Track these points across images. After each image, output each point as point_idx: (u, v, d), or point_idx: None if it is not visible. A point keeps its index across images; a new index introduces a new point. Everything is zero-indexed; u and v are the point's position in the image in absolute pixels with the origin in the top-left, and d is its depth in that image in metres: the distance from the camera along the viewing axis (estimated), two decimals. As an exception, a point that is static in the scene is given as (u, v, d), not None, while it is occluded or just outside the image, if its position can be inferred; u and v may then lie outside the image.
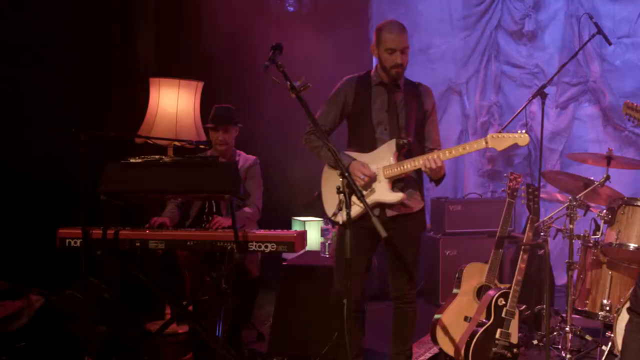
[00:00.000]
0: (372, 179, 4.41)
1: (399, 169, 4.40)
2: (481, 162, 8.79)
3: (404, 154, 4.45)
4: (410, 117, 4.52)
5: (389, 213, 4.47)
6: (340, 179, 4.37)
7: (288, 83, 3.75)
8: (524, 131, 4.30)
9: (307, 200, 5.65)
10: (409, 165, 4.39)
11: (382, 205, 4.45)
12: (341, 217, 4.31)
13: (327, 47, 8.01)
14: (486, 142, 4.31)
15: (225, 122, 5.70)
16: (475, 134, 8.72)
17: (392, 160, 4.42)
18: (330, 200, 4.52)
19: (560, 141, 8.58)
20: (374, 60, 9.75)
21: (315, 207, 4.64)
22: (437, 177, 4.47)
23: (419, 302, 7.54)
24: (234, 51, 7.87)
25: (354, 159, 4.47)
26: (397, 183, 4.48)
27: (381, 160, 4.44)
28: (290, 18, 8.59)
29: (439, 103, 8.94)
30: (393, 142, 4.43)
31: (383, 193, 4.41)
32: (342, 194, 3.64)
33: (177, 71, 6.88)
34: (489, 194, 8.54)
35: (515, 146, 4.37)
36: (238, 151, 5.86)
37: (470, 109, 8.89)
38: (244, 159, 5.83)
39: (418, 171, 4.52)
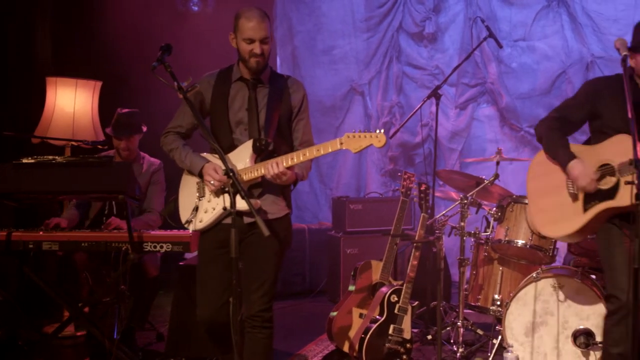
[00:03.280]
0: (225, 183, 3.88)
1: (254, 172, 3.99)
2: (383, 162, 8.93)
3: (264, 156, 4.04)
4: (273, 115, 4.09)
5: (246, 220, 4.00)
6: (196, 185, 4.19)
7: (175, 84, 3.74)
8: (381, 130, 3.86)
9: (165, 206, 5.64)
10: (263, 169, 3.96)
11: (236, 212, 3.69)
12: (193, 226, 4.15)
13: (231, 47, 8.04)
14: (341, 143, 3.87)
15: (128, 133, 5.60)
16: (378, 134, 8.81)
17: (248, 163, 4.03)
18: (185, 206, 4.22)
19: (459, 141, 8.75)
20: (278, 60, 9.75)
21: (172, 214, 4.53)
22: (285, 184, 4.05)
23: (321, 301, 7.73)
24: (136, 50, 7.79)
25: (208, 161, 4.10)
26: (254, 188, 4.08)
27: (237, 163, 4.04)
28: (194, 17, 8.57)
29: (342, 103, 9.06)
30: (250, 143, 4.04)
31: (236, 199, 3.67)
32: (226, 194, 3.59)
33: (75, 70, 6.79)
34: (390, 193, 8.66)
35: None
36: (142, 153, 5.79)
37: (372, 109, 9.02)
38: (148, 162, 5.76)
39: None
